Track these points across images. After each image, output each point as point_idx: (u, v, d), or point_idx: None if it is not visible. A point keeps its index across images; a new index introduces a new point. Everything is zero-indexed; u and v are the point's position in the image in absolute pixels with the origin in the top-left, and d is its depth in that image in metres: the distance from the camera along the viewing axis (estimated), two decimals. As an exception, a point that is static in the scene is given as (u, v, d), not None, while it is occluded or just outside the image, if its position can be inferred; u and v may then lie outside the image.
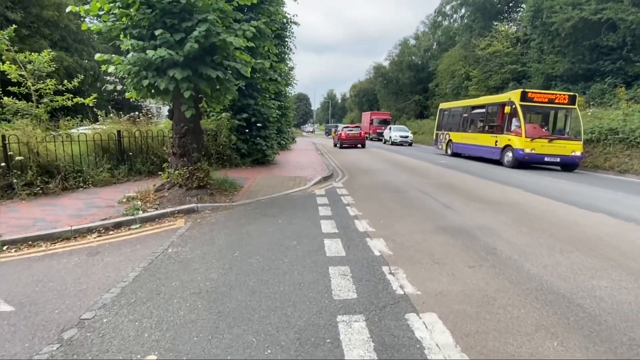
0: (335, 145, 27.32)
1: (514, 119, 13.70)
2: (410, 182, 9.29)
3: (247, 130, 10.89)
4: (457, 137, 18.03)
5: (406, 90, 52.77)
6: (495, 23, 33.33)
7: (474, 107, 17.40)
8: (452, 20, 52.14)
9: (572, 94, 13.96)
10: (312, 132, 73.38)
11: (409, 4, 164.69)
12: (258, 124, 11.14)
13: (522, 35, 28.77)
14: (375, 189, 8.29)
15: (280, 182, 8.79)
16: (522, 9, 32.00)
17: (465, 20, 37.63)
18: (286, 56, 20.47)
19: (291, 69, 27.76)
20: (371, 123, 38.28)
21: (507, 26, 30.18)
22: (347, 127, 27.90)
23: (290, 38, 20.18)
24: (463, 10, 41.42)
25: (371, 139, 35.63)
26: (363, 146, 25.72)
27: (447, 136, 19.06)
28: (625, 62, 18.67)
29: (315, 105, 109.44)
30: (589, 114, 15.81)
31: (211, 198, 6.59)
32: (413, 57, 54.85)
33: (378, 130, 35.97)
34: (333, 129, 46.57)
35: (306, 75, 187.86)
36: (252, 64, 6.64)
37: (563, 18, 19.31)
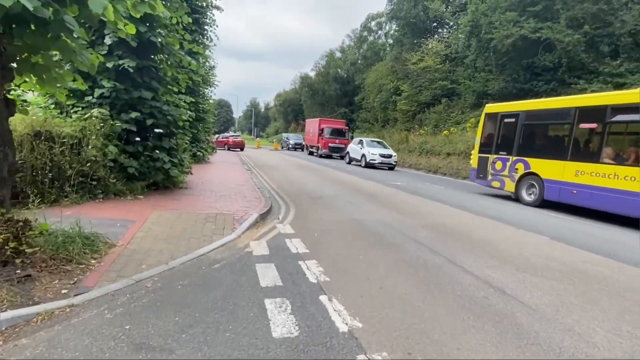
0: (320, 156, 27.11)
1: None
2: (400, 222, 6.44)
3: (138, 139, 7.06)
4: (557, 170, 9.02)
5: (332, 102, 51.68)
6: (423, 39, 33.36)
7: (614, 109, 8.06)
8: (377, 36, 52.78)
9: None
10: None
11: (328, 20, 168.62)
12: (157, 129, 7.38)
13: (451, 52, 28.77)
14: (351, 239, 5.25)
15: (191, 227, 5.26)
16: (449, 28, 32.44)
17: (395, 34, 37.33)
18: (205, 46, 16.70)
19: (212, 67, 23.78)
20: (321, 134, 27.79)
21: (436, 42, 30.01)
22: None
23: (211, 26, 16.48)
24: (393, 25, 41.51)
25: (321, 156, 27.12)
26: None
27: (520, 166, 10.03)
28: (558, 83, 18.64)
29: (238, 113, 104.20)
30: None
31: (24, 290, 2.95)
32: (339, 70, 54.25)
33: (331, 144, 26.77)
34: (288, 140, 41.12)
35: (227, 82, 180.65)
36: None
37: (503, 35, 18.76)
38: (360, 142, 21.51)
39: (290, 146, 40.50)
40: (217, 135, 36.31)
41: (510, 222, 7.13)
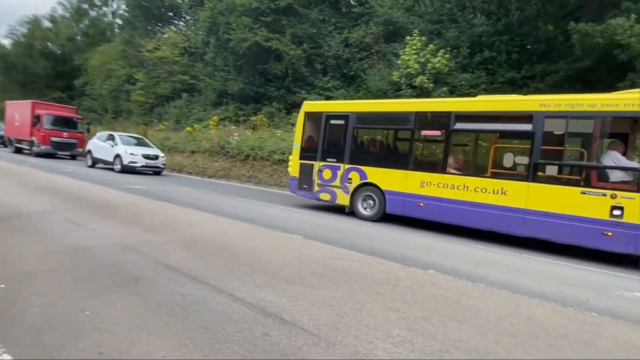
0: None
1: None
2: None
3: None
4: (399, 180, 8.20)
5: (41, 82, 40.47)
6: (158, 27, 30.82)
7: (459, 116, 7.66)
8: (101, 13, 45.16)
9: None
10: None
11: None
12: None
13: (190, 47, 27.88)
14: (71, 283, 3.53)
15: None
16: (186, 21, 31.33)
17: (126, 15, 32.77)
18: None
19: None
20: (36, 123, 20.36)
21: (174, 33, 28.35)
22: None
23: None
24: (122, 4, 36.26)
25: (38, 155, 20.05)
26: None
27: (355, 175, 8.82)
28: (286, 90, 21.24)
29: None
30: (278, 135, 16.44)
31: None
32: (50, 44, 43.00)
33: (55, 139, 20.06)
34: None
35: None
36: None
37: (240, 37, 19.52)
38: (111, 137, 16.63)
39: None
40: None
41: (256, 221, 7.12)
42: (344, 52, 20.42)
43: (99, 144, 17.20)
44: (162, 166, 16.10)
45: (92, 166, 17.11)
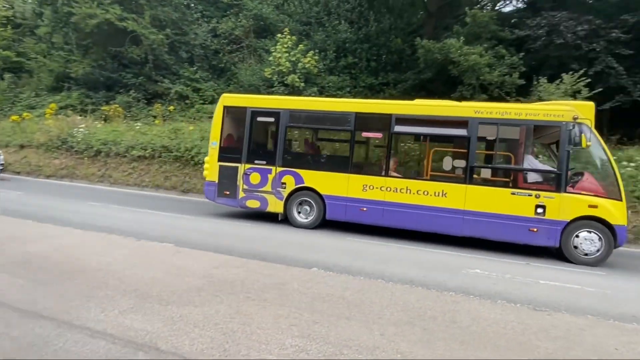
0: None
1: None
2: None
3: None
4: (340, 184, 7.75)
5: None
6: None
7: (400, 119, 7.59)
8: None
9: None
10: None
11: None
12: None
13: (16, 16, 22.49)
14: None
15: None
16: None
17: None
18: None
19: None
20: None
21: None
22: None
23: None
24: None
25: None
26: None
27: (289, 179, 8.03)
28: (146, 78, 18.99)
29: None
30: (137, 128, 14.52)
31: None
32: None
33: None
34: None
35: None
36: None
37: (86, 13, 16.55)
38: None
39: None
40: None
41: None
42: (212, 43, 19.35)
43: None
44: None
45: None
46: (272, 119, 8.28)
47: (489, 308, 3.89)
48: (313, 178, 7.80)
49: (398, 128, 7.54)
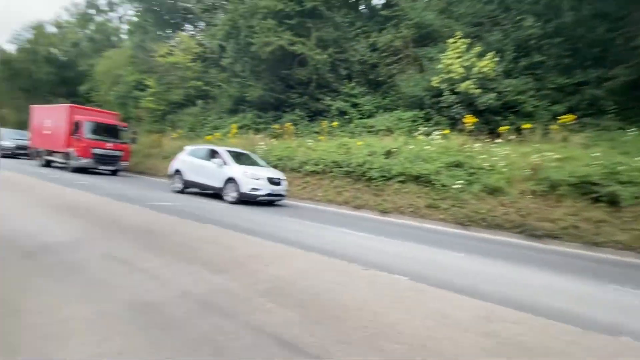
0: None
1: None
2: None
3: None
4: None
5: (45, 89, 39.43)
6: (169, 32, 29.83)
7: None
8: (107, 18, 44.41)
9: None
10: None
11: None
12: None
13: (204, 52, 26.86)
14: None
15: None
16: (201, 26, 30.33)
17: (134, 20, 31.86)
18: None
19: None
20: (75, 131, 16.97)
21: (188, 38, 27.31)
22: None
23: None
24: (129, 10, 35.42)
25: (75, 170, 16.86)
26: None
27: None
28: (309, 97, 20.10)
29: None
30: (309, 144, 15.24)
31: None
32: (54, 50, 42.16)
33: (97, 150, 16.83)
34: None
35: None
36: None
37: (264, 41, 18.42)
38: (214, 154, 12.21)
39: (7, 150, 23.50)
40: None
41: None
42: (370, 57, 19.34)
43: (194, 163, 12.62)
44: (284, 194, 11.94)
45: (182, 191, 12.81)
46: None
47: None
48: None
49: None
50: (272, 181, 11.45)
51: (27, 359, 2.14)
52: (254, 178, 11.13)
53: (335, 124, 17.30)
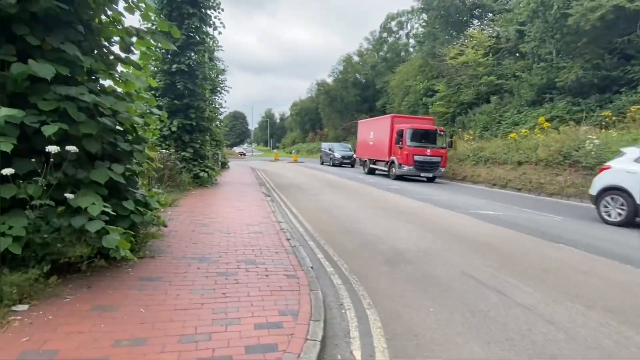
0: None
1: None
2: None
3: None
4: None
5: (352, 108, 48.05)
6: (457, 31, 29.29)
7: None
8: (397, 37, 49.19)
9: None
10: (243, 154, 49.40)
11: (338, 30, 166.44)
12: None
13: (496, 43, 24.61)
14: None
15: None
16: (492, 16, 28.27)
17: (422, 30, 33.46)
18: (208, 44, 12.95)
19: (221, 71, 20.14)
20: (398, 140, 17.27)
21: (478, 32, 25.86)
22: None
23: (216, 9, 12.55)
24: (414, 24, 37.86)
25: (398, 177, 17.42)
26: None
27: None
28: (663, 66, 14.28)
29: (253, 124, 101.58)
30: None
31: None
32: (358, 75, 50.84)
33: (418, 157, 16.57)
34: (332, 152, 28.35)
35: (241, 96, 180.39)
36: None
37: (587, 7, 14.52)
38: None
39: (336, 160, 28.12)
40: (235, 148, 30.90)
41: None
42: None
43: None
44: None
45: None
46: None
47: None
48: None
49: None
50: None
51: None
52: None
53: None
